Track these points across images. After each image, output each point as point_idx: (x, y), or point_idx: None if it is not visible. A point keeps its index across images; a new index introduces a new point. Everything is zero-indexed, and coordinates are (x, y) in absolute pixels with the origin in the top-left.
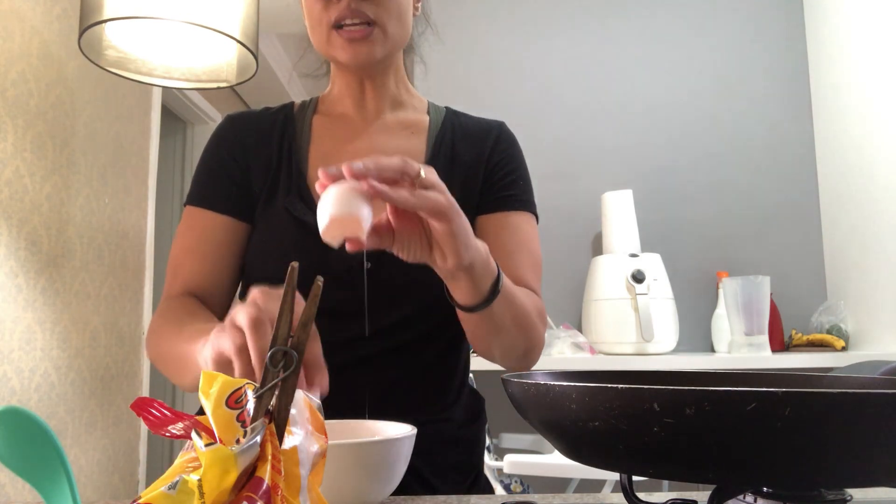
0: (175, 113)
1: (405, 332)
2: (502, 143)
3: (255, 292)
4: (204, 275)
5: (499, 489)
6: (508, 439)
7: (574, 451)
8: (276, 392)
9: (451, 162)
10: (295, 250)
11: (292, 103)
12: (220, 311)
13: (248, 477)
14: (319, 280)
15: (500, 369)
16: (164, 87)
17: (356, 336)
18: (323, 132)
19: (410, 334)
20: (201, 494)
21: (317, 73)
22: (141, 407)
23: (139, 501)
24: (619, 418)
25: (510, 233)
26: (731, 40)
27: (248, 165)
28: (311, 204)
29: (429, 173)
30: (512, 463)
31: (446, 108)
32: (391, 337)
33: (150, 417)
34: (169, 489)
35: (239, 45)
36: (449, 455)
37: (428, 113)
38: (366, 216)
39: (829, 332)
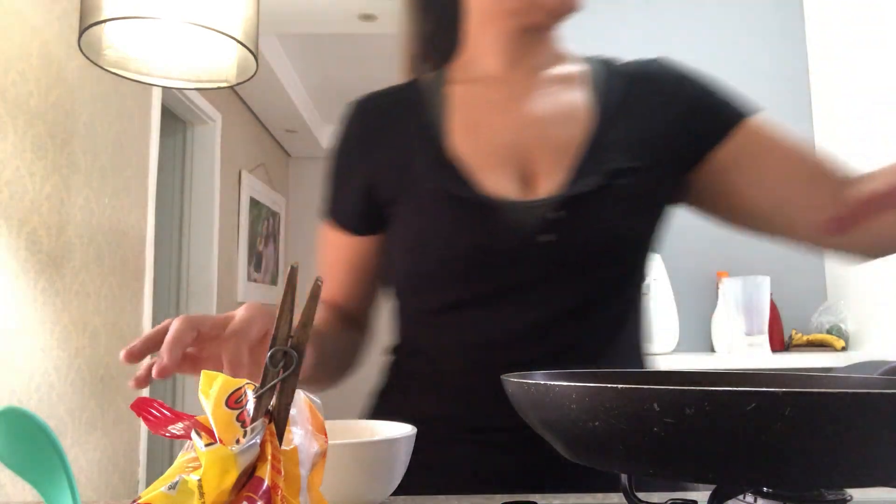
0: (175, 113)
1: (587, 314)
2: (680, 76)
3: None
4: (340, 291)
5: None
6: None
7: (574, 451)
8: (276, 392)
9: (628, 115)
10: (457, 230)
11: (420, 77)
12: (363, 320)
13: (248, 477)
14: (319, 280)
15: None
16: (164, 87)
17: (531, 321)
18: (464, 100)
19: (593, 316)
20: (201, 494)
21: (421, 60)
22: (141, 407)
23: (139, 501)
24: (619, 418)
25: (770, 141)
26: (730, 41)
27: (372, 164)
28: (458, 177)
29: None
30: None
31: (599, 57)
32: (571, 320)
33: (150, 417)
34: (169, 489)
35: (239, 45)
36: None
37: (583, 62)
38: None
39: (829, 332)
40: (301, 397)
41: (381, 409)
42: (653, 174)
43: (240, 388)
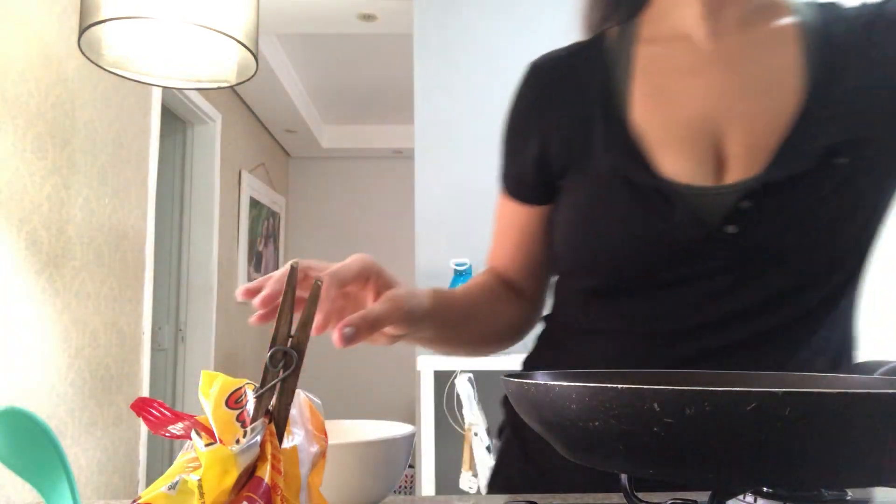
0: (175, 113)
1: (777, 312)
2: None
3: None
4: (507, 261)
5: None
6: None
7: (574, 451)
8: (276, 392)
9: (854, 75)
10: (626, 218)
11: (605, 33)
12: (529, 294)
13: (248, 477)
14: (319, 281)
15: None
16: (164, 87)
17: (714, 320)
18: (651, 63)
19: (784, 314)
20: (201, 494)
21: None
22: (141, 407)
23: (139, 501)
24: (619, 418)
25: None
26: None
27: (547, 131)
28: (638, 157)
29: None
30: None
31: (814, 1)
32: (758, 319)
33: (150, 417)
34: (169, 489)
35: (239, 45)
36: None
37: (795, 13)
38: None
39: None
40: (301, 397)
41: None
42: (872, 153)
43: (240, 388)
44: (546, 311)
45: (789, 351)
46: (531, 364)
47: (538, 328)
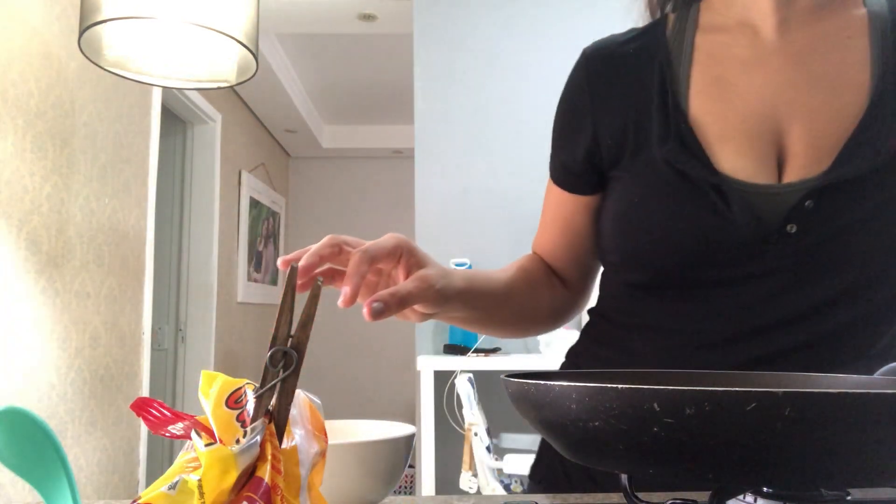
0: (175, 113)
1: (837, 315)
2: None
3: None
4: (551, 247)
5: (499, 489)
6: (508, 439)
7: (574, 451)
8: (276, 392)
9: None
10: (679, 214)
11: (665, 18)
12: (571, 283)
13: (248, 477)
14: (319, 280)
15: (500, 369)
16: (164, 87)
17: (770, 323)
18: (712, 53)
19: (843, 316)
20: (201, 494)
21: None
22: (141, 407)
23: (139, 501)
24: (619, 418)
25: None
26: None
27: (599, 120)
28: (696, 151)
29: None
30: (512, 463)
31: None
32: (820, 322)
33: (150, 417)
34: (169, 489)
35: (239, 45)
36: None
37: (865, 4)
38: None
39: None
40: (301, 397)
41: (571, 368)
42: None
43: (240, 388)
44: (592, 302)
45: (849, 356)
46: (574, 357)
47: (584, 319)
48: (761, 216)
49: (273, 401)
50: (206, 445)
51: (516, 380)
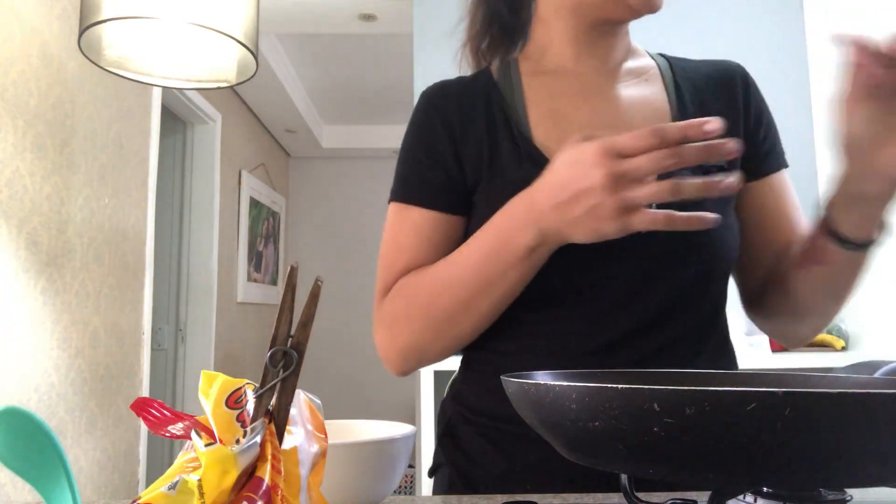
0: (175, 113)
1: (681, 314)
2: (752, 89)
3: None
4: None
5: None
6: None
7: (574, 451)
8: (276, 392)
9: (701, 111)
10: None
11: (488, 68)
12: None
13: (248, 477)
14: (319, 280)
15: None
16: (164, 87)
17: (627, 314)
18: (541, 91)
19: (688, 315)
20: (201, 494)
21: (482, 50)
22: (141, 407)
23: (139, 501)
24: (619, 418)
25: (786, 194)
26: (730, 40)
27: (457, 147)
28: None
29: None
30: None
31: (659, 53)
32: (662, 322)
33: (150, 417)
34: (169, 489)
35: (239, 45)
36: None
37: (651, 57)
38: None
39: (828, 332)
40: (301, 397)
41: (455, 399)
42: (732, 166)
43: (240, 388)
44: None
45: (688, 355)
46: (456, 389)
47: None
48: None
49: (273, 401)
50: (206, 445)
51: (516, 380)
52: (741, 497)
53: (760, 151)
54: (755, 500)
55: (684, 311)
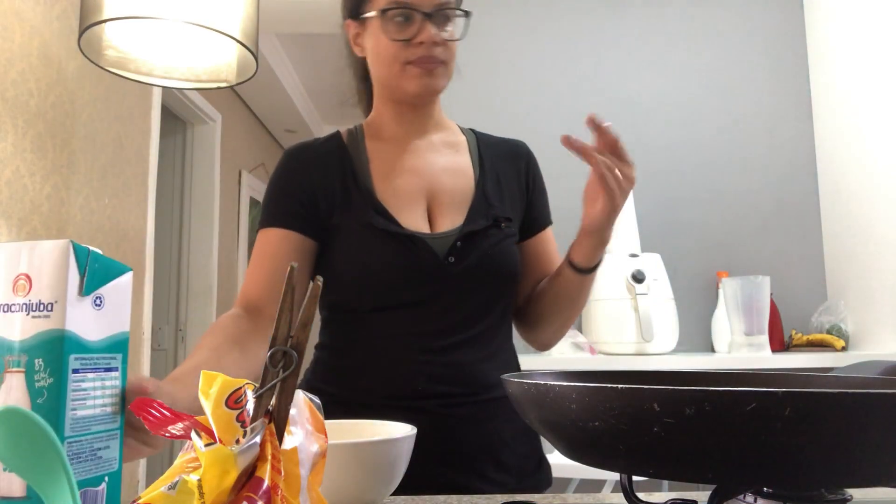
0: (175, 113)
1: (482, 320)
2: (532, 163)
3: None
4: (262, 286)
5: None
6: None
7: (574, 451)
8: (276, 392)
9: (497, 178)
10: (391, 255)
11: (339, 132)
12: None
13: (248, 477)
14: (319, 280)
15: None
16: (164, 87)
17: (444, 326)
18: (379, 154)
19: (486, 321)
20: (201, 494)
21: (349, 102)
22: (141, 407)
23: (139, 501)
24: (619, 418)
25: (551, 246)
26: (731, 41)
27: (314, 190)
28: (387, 216)
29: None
30: None
31: (469, 129)
32: (472, 322)
33: (150, 417)
34: (169, 489)
35: (239, 45)
36: (518, 442)
37: (462, 133)
38: None
39: (829, 332)
40: (301, 397)
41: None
42: (513, 225)
43: (240, 388)
44: (320, 338)
45: (490, 347)
46: (314, 382)
47: (312, 355)
48: (435, 252)
49: (273, 401)
50: (206, 445)
51: (516, 380)
52: (741, 497)
53: (536, 212)
54: (755, 500)
55: (487, 315)
